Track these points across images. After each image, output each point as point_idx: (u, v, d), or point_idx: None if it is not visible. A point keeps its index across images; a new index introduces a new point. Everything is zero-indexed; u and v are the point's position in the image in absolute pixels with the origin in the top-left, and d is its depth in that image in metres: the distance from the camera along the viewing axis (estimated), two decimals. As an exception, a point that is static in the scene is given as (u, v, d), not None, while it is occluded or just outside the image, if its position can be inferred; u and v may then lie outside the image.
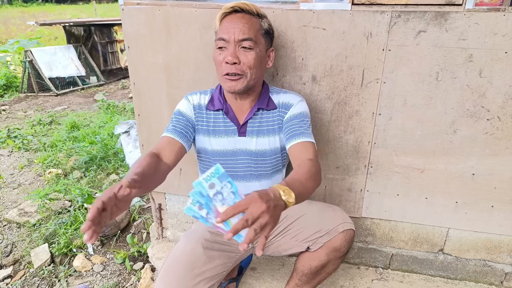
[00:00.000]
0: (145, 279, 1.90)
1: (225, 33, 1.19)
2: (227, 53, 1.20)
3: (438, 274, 1.82)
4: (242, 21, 1.19)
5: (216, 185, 0.82)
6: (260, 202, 0.80)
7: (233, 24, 1.19)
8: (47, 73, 6.20)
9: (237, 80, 1.21)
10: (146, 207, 2.69)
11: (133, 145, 3.21)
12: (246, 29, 1.19)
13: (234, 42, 1.19)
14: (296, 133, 1.25)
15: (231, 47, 1.19)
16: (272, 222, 0.81)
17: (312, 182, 1.06)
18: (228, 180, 0.84)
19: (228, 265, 1.34)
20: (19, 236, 2.39)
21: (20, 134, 4.23)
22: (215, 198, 0.82)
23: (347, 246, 1.29)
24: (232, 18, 1.21)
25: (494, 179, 1.55)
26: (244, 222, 0.77)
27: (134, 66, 1.70)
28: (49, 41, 11.57)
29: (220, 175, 0.83)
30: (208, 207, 0.83)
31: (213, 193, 0.81)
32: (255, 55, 1.21)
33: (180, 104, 1.37)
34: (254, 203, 0.80)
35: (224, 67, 1.21)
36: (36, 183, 3.15)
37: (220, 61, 1.21)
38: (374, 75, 1.50)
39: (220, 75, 1.25)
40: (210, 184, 0.81)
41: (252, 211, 0.78)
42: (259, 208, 0.79)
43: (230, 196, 0.83)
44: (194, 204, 0.82)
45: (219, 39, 1.21)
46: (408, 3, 1.37)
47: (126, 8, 1.60)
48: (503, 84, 1.41)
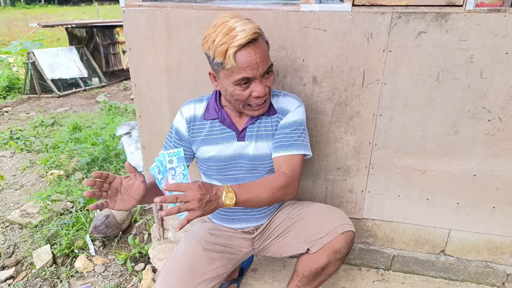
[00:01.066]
0: (147, 280, 1.90)
1: (248, 72, 1.12)
2: (255, 88, 1.15)
3: (439, 276, 1.82)
4: (259, 52, 1.12)
5: (173, 163, 1.02)
6: (197, 191, 0.98)
7: (253, 59, 1.10)
8: (50, 74, 6.22)
9: (264, 104, 1.23)
10: (148, 208, 2.70)
11: (135, 147, 3.21)
12: (266, 57, 1.14)
13: (260, 76, 1.14)
14: (284, 144, 1.26)
15: (258, 82, 1.15)
16: (199, 212, 0.99)
17: (269, 195, 1.14)
18: (183, 163, 1.05)
19: (228, 267, 1.34)
20: (21, 237, 2.40)
21: (22, 135, 4.25)
22: (169, 171, 1.03)
23: (347, 248, 1.29)
24: (249, 52, 1.10)
25: (495, 180, 1.55)
26: (173, 198, 0.95)
27: (135, 68, 1.70)
28: (52, 42, 11.62)
29: (179, 157, 1.03)
30: (163, 174, 1.05)
31: (169, 167, 1.03)
32: (273, 74, 1.22)
33: (176, 120, 1.37)
34: (191, 190, 0.97)
35: (251, 99, 1.19)
36: (38, 184, 3.16)
37: (246, 95, 1.17)
38: (375, 76, 1.50)
39: (241, 106, 1.21)
40: (169, 159, 1.02)
41: (186, 194, 0.97)
42: (193, 196, 0.97)
43: (179, 176, 1.04)
44: (156, 167, 1.05)
45: (243, 79, 1.12)
46: (409, 4, 1.37)
47: (128, 10, 1.61)
48: (504, 85, 1.40)
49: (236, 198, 1.05)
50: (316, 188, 1.76)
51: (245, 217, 1.42)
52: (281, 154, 1.26)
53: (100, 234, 2.28)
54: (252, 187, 1.12)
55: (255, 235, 1.44)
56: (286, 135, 1.28)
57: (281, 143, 1.27)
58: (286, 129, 1.28)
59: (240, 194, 1.07)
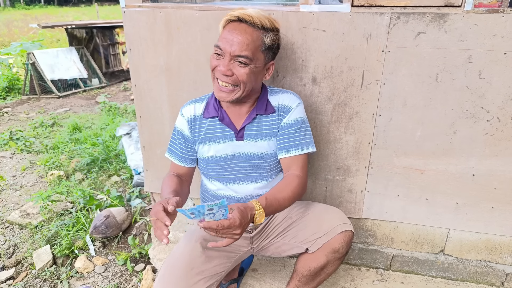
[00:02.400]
0: (147, 280, 1.91)
1: (223, 43, 1.17)
2: (221, 63, 1.19)
3: (439, 275, 1.82)
4: (243, 35, 1.15)
5: (214, 210, 0.98)
6: (238, 228, 1.02)
7: (232, 36, 1.16)
8: (49, 75, 6.23)
9: (229, 92, 1.22)
10: (148, 209, 2.70)
11: (135, 147, 3.22)
12: (245, 45, 1.15)
13: (230, 55, 1.17)
14: (292, 145, 1.30)
15: (226, 59, 1.18)
16: (233, 240, 1.05)
17: (291, 202, 1.24)
18: (225, 209, 0.99)
19: (227, 265, 1.34)
20: (21, 237, 2.40)
21: (22, 136, 4.25)
22: (208, 214, 0.99)
23: (346, 248, 1.30)
24: (234, 27, 1.17)
25: (494, 180, 1.56)
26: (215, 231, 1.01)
27: (136, 68, 1.71)
28: (51, 43, 11.63)
29: (221, 206, 0.97)
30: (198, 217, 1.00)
31: (208, 213, 0.98)
32: (248, 71, 1.19)
33: (178, 121, 1.39)
34: (233, 227, 1.01)
35: (216, 73, 1.21)
36: (38, 185, 3.16)
37: (214, 65, 1.22)
38: (374, 76, 1.50)
39: (212, 78, 1.25)
40: (209, 209, 0.97)
41: (227, 231, 1.02)
42: (234, 232, 1.02)
43: (219, 216, 1.00)
44: (189, 211, 0.97)
45: (217, 46, 1.19)
46: (407, 4, 1.38)
47: (128, 10, 1.61)
48: (503, 85, 1.41)
49: (264, 214, 1.11)
50: (315, 188, 1.76)
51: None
52: (290, 155, 1.30)
53: (100, 234, 2.29)
54: (276, 198, 1.18)
55: (254, 234, 1.45)
56: (292, 135, 1.29)
57: (288, 143, 1.29)
58: (290, 129, 1.30)
59: (267, 208, 1.13)
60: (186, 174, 1.41)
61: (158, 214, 1.04)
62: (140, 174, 2.99)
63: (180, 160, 1.39)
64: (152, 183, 1.92)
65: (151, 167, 1.89)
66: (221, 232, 1.01)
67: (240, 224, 1.02)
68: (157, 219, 1.05)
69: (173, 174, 1.39)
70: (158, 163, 1.86)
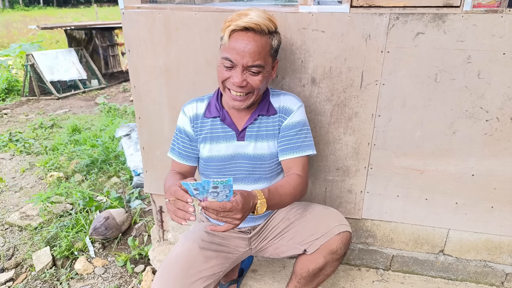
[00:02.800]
0: (146, 281, 1.91)
1: (233, 55, 1.14)
2: (233, 75, 1.17)
3: (439, 275, 1.82)
4: (252, 44, 1.13)
5: (218, 189, 0.94)
6: (239, 213, 0.98)
7: (242, 46, 1.13)
8: (49, 76, 6.23)
9: (243, 100, 1.22)
10: (147, 210, 2.70)
11: (134, 148, 3.22)
12: (256, 54, 1.14)
13: (243, 66, 1.15)
14: (293, 146, 1.29)
15: (238, 71, 1.16)
16: (235, 226, 1.01)
17: (291, 199, 1.21)
18: (230, 190, 0.96)
19: (225, 265, 1.34)
20: (20, 239, 2.40)
21: (21, 137, 4.25)
22: (211, 193, 0.96)
23: (344, 248, 1.30)
24: (243, 38, 1.13)
25: (493, 180, 1.56)
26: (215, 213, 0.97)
27: (135, 69, 1.71)
28: (51, 44, 11.63)
29: (227, 185, 0.94)
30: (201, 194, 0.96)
31: (212, 191, 0.95)
32: (261, 77, 1.20)
33: (179, 120, 1.38)
34: (235, 210, 0.97)
35: (229, 84, 1.20)
36: (38, 186, 3.16)
37: (226, 77, 1.19)
38: (373, 77, 1.50)
39: (223, 88, 1.24)
40: (214, 186, 0.93)
41: (229, 214, 0.98)
42: (235, 216, 0.98)
43: (222, 197, 0.97)
44: (193, 185, 0.94)
45: (226, 59, 1.15)
46: (406, 5, 1.38)
47: (127, 11, 1.61)
48: (502, 85, 1.41)
49: (266, 205, 1.09)
50: (315, 189, 1.76)
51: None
52: (291, 157, 1.29)
53: (100, 236, 2.28)
54: (278, 192, 1.16)
55: (251, 235, 1.45)
56: (293, 137, 1.30)
57: (289, 145, 1.29)
58: (291, 131, 1.30)
59: (269, 200, 1.10)
60: (188, 173, 1.40)
61: (177, 193, 1.00)
62: (139, 175, 2.99)
63: (183, 158, 1.38)
64: (152, 184, 1.92)
65: (151, 168, 1.89)
66: (221, 214, 0.98)
67: (242, 208, 0.99)
68: (176, 199, 1.00)
69: (175, 171, 1.39)
70: (157, 164, 1.86)
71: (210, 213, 0.98)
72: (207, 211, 0.98)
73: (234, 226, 1.02)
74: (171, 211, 1.03)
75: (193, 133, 1.35)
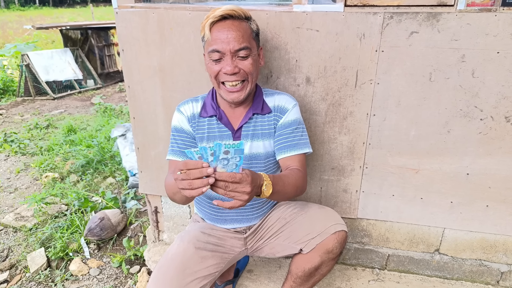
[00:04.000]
0: (142, 282, 1.90)
1: (219, 45, 1.16)
2: (224, 64, 1.18)
3: (434, 274, 1.83)
4: (234, 29, 1.16)
5: (230, 154, 0.89)
6: (249, 186, 0.93)
7: (225, 34, 1.15)
8: (44, 76, 6.20)
9: (240, 90, 1.22)
10: (143, 210, 2.69)
11: (130, 148, 3.20)
12: (240, 38, 1.16)
13: (231, 53, 1.16)
14: (290, 145, 1.29)
15: (228, 58, 1.17)
16: (242, 203, 0.95)
17: (294, 190, 1.18)
18: (240, 156, 0.90)
19: (221, 266, 1.34)
20: (15, 240, 2.38)
21: (16, 138, 4.22)
22: (221, 161, 0.90)
23: (340, 248, 1.29)
24: (223, 26, 1.17)
25: (488, 179, 1.56)
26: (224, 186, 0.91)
27: (129, 69, 1.70)
28: (46, 44, 11.57)
29: (238, 149, 0.88)
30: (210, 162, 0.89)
31: (222, 157, 0.89)
32: (252, 61, 1.21)
33: (175, 120, 1.36)
34: (245, 183, 0.92)
35: (222, 77, 1.20)
36: (33, 187, 3.14)
37: (217, 71, 1.20)
38: (368, 76, 1.50)
39: (217, 86, 1.23)
40: (225, 151, 0.88)
41: (238, 187, 0.92)
42: (244, 189, 0.92)
43: (232, 166, 0.92)
44: (197, 153, 0.89)
45: (213, 51, 1.17)
46: (400, 4, 1.38)
47: (120, 11, 1.60)
48: (496, 84, 1.41)
49: (272, 188, 1.05)
50: (310, 189, 1.76)
51: (237, 217, 1.41)
52: (288, 155, 1.29)
53: (95, 236, 2.27)
54: (281, 179, 1.12)
55: (247, 234, 1.44)
56: (289, 135, 1.29)
57: (286, 144, 1.29)
58: (287, 129, 1.30)
59: (274, 185, 1.06)
60: None
61: (188, 164, 0.90)
62: (135, 176, 2.98)
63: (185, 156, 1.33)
64: (147, 184, 1.91)
65: (146, 168, 1.88)
66: (230, 187, 0.91)
67: (251, 182, 0.93)
68: (187, 170, 0.90)
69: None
70: (152, 164, 1.85)
71: (218, 187, 0.91)
72: (214, 187, 0.90)
73: (241, 203, 0.95)
74: (186, 186, 0.91)
75: (192, 131, 1.34)
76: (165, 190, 1.24)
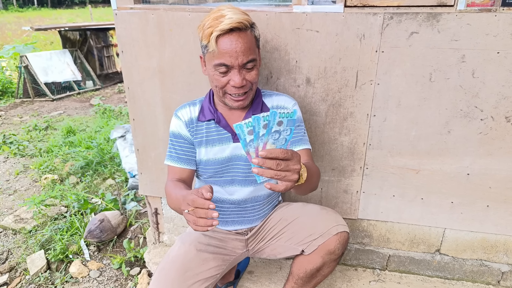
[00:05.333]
0: (142, 284, 1.89)
1: (227, 59, 1.13)
2: (232, 76, 1.16)
3: (435, 275, 1.82)
4: (241, 42, 1.13)
5: (282, 125, 0.82)
6: (298, 163, 0.87)
7: (233, 47, 1.12)
8: (43, 78, 6.18)
9: (245, 98, 1.22)
10: (143, 212, 2.68)
11: (129, 150, 3.20)
12: (248, 51, 1.14)
13: (238, 66, 1.15)
14: (295, 140, 1.29)
15: (235, 72, 1.15)
16: (292, 184, 0.89)
17: (317, 180, 1.17)
18: (291, 127, 0.85)
19: (222, 268, 1.33)
20: (15, 242, 2.37)
21: (15, 140, 4.21)
22: (272, 135, 0.83)
23: (342, 249, 1.29)
24: (230, 39, 1.12)
25: (489, 179, 1.56)
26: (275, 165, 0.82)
27: (128, 70, 1.69)
28: (45, 46, 11.55)
29: (291, 119, 0.82)
30: (258, 137, 0.82)
31: (275, 130, 0.82)
32: (257, 71, 1.21)
33: (173, 125, 1.33)
34: (296, 160, 0.86)
35: (229, 89, 1.19)
36: (32, 189, 3.13)
37: (224, 82, 1.18)
38: (368, 77, 1.50)
39: (222, 94, 1.21)
40: (279, 121, 0.81)
41: (290, 164, 0.85)
42: (296, 166, 0.86)
43: (281, 141, 0.85)
44: (247, 126, 0.81)
45: (221, 65, 1.14)
46: (400, 4, 1.38)
47: (119, 12, 1.60)
48: (496, 84, 1.41)
49: (306, 174, 0.99)
50: (311, 189, 1.76)
51: (238, 219, 1.41)
52: (296, 149, 1.28)
53: (94, 238, 2.26)
54: (307, 166, 1.07)
55: (248, 236, 1.44)
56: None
57: (292, 140, 1.29)
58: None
59: (308, 170, 1.02)
60: (188, 178, 1.34)
61: (197, 202, 0.91)
62: (135, 177, 2.97)
63: (184, 162, 1.32)
64: (147, 186, 1.91)
65: (145, 170, 1.87)
66: (282, 165, 0.83)
67: (299, 158, 0.87)
68: (195, 208, 0.92)
69: (175, 180, 1.31)
70: (152, 166, 1.85)
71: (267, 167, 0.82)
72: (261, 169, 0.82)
73: (292, 185, 0.89)
74: (191, 221, 0.94)
75: (191, 136, 1.32)
76: (167, 200, 1.25)
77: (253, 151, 0.84)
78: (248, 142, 0.83)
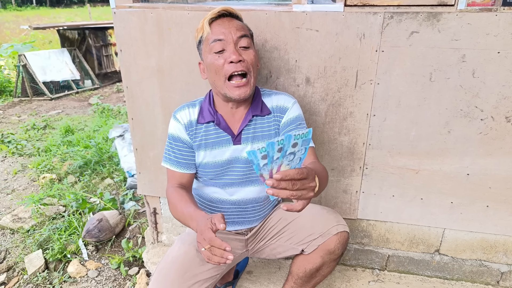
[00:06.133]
0: (140, 284, 1.88)
1: (221, 34, 1.16)
2: (228, 53, 1.16)
3: (434, 275, 1.82)
4: (233, 22, 1.19)
5: (298, 146, 0.79)
6: (314, 180, 0.84)
7: (225, 25, 1.18)
8: (41, 77, 6.16)
9: (245, 85, 1.18)
10: (141, 212, 2.67)
11: (128, 149, 3.19)
12: (240, 27, 1.19)
13: (233, 41, 1.16)
14: None
15: (231, 47, 1.16)
16: (308, 202, 0.87)
17: (325, 182, 1.11)
18: (306, 147, 0.81)
19: (222, 268, 1.33)
20: (12, 242, 2.36)
21: (14, 139, 4.20)
22: (288, 157, 0.79)
23: (342, 249, 1.29)
24: (222, 21, 1.19)
25: (488, 179, 1.56)
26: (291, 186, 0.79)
27: (127, 70, 1.68)
28: (43, 45, 11.52)
29: (306, 139, 0.79)
30: (272, 160, 0.78)
31: (290, 152, 0.78)
32: (254, 52, 1.21)
33: (172, 127, 1.31)
34: (312, 177, 0.83)
35: (227, 68, 1.16)
36: (30, 188, 3.12)
37: (221, 64, 1.16)
38: (368, 76, 1.49)
39: (222, 82, 1.18)
40: (294, 143, 0.78)
41: (306, 182, 0.81)
42: (311, 184, 0.82)
43: (296, 161, 0.82)
44: (261, 152, 0.77)
45: (215, 40, 1.16)
46: (400, 4, 1.37)
47: (118, 11, 1.59)
48: (496, 84, 1.41)
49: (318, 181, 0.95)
50: (310, 189, 1.75)
51: (238, 219, 1.40)
52: None
53: (93, 238, 2.26)
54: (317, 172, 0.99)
55: (248, 236, 1.43)
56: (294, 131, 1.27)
57: None
58: (292, 125, 1.28)
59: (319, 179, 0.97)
60: (188, 182, 1.33)
61: (214, 242, 0.93)
62: (133, 177, 2.96)
63: (183, 167, 1.30)
64: (145, 186, 1.90)
65: (144, 169, 1.86)
66: (298, 185, 0.80)
67: (314, 175, 0.84)
68: (211, 246, 0.95)
69: (177, 186, 1.29)
70: (151, 165, 1.84)
71: (283, 189, 0.79)
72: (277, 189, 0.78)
73: (308, 201, 0.87)
74: (205, 256, 0.97)
75: (190, 140, 1.30)
76: (169, 209, 1.25)
77: (267, 174, 0.81)
78: (262, 166, 0.79)
